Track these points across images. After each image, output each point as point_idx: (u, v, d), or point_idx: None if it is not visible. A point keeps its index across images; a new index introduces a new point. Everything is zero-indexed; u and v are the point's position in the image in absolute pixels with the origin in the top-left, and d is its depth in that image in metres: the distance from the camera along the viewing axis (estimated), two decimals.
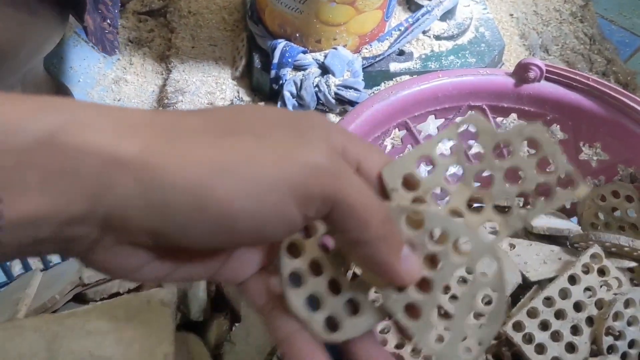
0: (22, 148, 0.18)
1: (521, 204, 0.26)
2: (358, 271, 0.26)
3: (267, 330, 0.26)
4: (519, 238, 0.49)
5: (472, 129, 0.26)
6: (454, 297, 0.36)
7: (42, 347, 0.41)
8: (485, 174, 0.26)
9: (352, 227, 0.22)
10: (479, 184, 0.27)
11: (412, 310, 0.25)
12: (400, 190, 0.25)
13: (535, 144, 0.25)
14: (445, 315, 0.25)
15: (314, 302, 0.26)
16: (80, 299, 0.50)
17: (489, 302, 0.38)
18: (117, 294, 0.49)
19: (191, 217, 0.20)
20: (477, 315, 0.25)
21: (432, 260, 0.25)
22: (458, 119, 0.26)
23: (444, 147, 0.28)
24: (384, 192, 0.25)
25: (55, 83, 0.78)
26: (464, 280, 0.26)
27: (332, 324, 0.26)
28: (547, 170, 0.25)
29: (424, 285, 0.25)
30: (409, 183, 0.26)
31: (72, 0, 0.52)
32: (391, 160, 0.25)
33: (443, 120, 0.53)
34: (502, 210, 0.26)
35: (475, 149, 0.23)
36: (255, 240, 0.22)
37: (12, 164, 0.18)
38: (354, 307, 0.26)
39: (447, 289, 0.25)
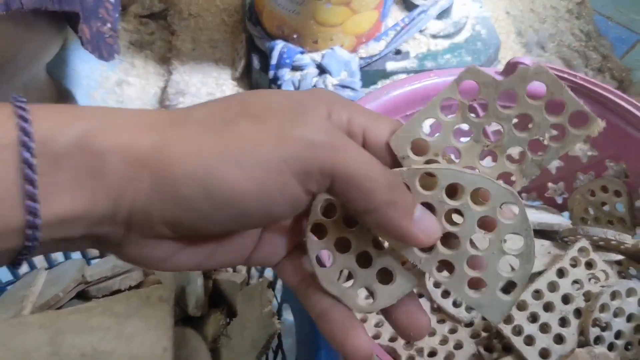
0: (56, 155, 0.20)
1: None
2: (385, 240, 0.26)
3: (304, 307, 0.27)
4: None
5: (473, 83, 0.25)
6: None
7: (46, 342, 0.42)
8: (494, 126, 0.25)
9: (356, 197, 0.23)
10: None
11: (444, 266, 0.25)
12: (411, 156, 0.25)
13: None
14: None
15: (347, 275, 0.26)
16: (82, 296, 0.51)
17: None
18: (118, 291, 0.50)
19: (201, 205, 0.21)
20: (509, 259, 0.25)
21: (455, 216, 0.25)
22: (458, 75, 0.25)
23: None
24: (395, 161, 0.25)
25: (58, 87, 0.79)
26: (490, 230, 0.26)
27: (369, 294, 0.26)
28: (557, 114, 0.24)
29: (452, 240, 0.25)
30: (418, 148, 0.25)
31: (66, 12, 0.53)
32: (398, 128, 0.25)
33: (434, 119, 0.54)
34: (516, 159, 0.26)
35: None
36: (266, 220, 0.23)
37: (47, 169, 0.20)
38: (388, 276, 0.26)
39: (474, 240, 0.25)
